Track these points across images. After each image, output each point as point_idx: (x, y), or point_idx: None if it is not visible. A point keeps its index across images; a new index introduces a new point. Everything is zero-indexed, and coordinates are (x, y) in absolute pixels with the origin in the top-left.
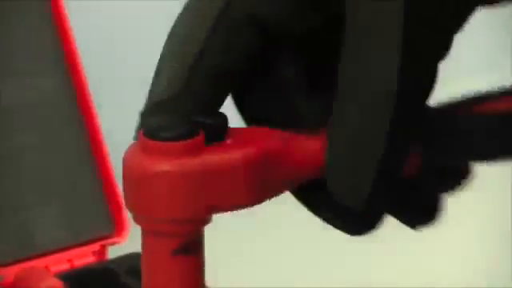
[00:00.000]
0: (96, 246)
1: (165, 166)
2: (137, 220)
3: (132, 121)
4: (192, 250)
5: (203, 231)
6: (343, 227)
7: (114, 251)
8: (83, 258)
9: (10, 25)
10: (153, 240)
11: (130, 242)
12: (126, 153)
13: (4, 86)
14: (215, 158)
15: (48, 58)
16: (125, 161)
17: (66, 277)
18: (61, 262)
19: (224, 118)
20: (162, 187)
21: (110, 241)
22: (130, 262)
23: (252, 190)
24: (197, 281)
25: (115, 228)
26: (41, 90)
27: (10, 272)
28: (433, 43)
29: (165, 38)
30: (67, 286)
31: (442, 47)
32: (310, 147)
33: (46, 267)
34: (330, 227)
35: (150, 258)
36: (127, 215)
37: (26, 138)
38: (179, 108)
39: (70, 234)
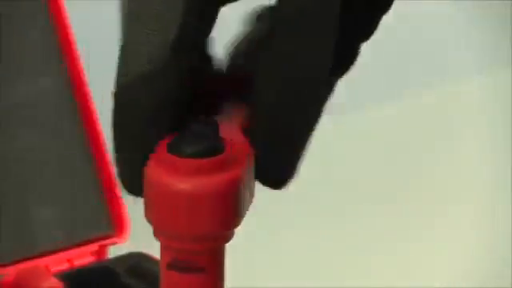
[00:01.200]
0: (96, 246)
1: (181, 184)
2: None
3: None
4: (187, 268)
5: (218, 254)
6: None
7: (114, 251)
8: (83, 257)
9: (9, 25)
10: (161, 250)
11: (130, 242)
12: (148, 163)
13: (4, 85)
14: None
15: (48, 58)
16: (145, 172)
17: (66, 277)
18: (61, 262)
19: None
20: (168, 202)
21: (109, 241)
22: (130, 262)
23: None
24: None
25: (115, 228)
26: (41, 90)
27: (10, 272)
28: None
29: None
30: (67, 286)
31: None
32: None
33: (46, 267)
34: (328, 227)
35: (160, 268)
36: (127, 215)
37: (26, 138)
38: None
39: (69, 233)
